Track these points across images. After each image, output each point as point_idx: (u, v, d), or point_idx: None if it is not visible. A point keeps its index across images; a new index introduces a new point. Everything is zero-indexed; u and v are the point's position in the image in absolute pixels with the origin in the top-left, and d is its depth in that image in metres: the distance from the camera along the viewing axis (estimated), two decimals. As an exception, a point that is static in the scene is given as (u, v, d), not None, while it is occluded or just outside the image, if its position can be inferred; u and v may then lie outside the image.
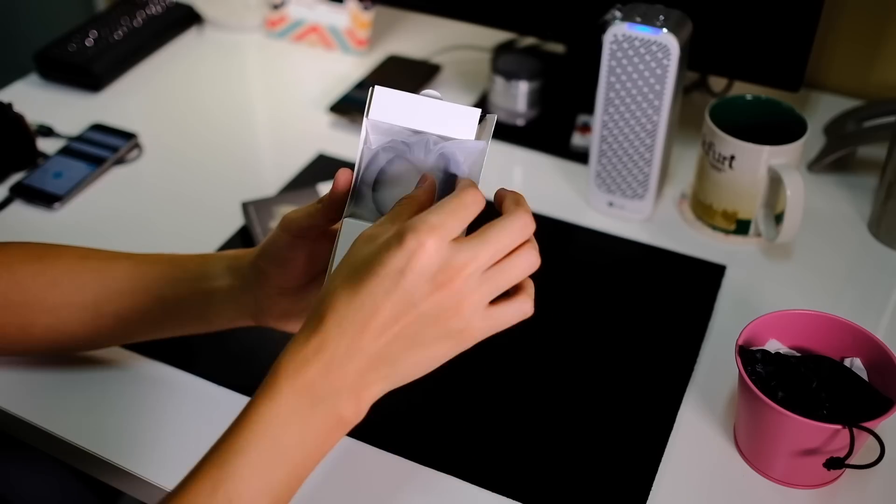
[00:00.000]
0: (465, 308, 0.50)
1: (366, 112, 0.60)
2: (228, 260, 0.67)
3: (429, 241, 0.48)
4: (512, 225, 0.51)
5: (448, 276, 0.49)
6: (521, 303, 0.53)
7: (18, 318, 0.65)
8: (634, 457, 0.68)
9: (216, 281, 0.66)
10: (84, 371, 0.74)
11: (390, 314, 0.49)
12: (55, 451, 0.71)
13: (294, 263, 0.63)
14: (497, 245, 0.50)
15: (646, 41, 0.79)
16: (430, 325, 0.50)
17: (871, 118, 0.99)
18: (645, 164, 0.87)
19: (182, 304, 0.67)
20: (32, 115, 1.02)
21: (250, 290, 0.66)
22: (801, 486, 0.65)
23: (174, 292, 0.66)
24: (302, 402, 0.50)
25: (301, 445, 0.50)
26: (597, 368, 0.74)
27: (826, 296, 0.83)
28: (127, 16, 1.18)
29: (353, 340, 0.49)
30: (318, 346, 0.50)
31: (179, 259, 0.68)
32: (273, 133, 1.05)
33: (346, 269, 0.51)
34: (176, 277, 0.66)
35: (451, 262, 0.49)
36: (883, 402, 0.62)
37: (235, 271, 0.66)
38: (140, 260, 0.67)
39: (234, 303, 0.67)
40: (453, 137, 0.58)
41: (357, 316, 0.49)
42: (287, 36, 1.21)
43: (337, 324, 0.49)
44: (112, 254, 0.68)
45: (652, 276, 0.85)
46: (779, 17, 0.86)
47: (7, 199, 0.93)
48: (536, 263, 0.52)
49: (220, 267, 0.67)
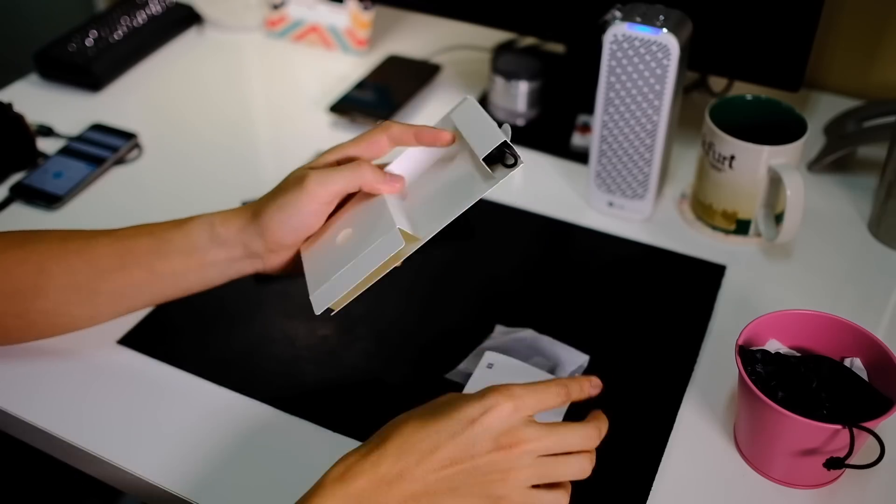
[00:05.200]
0: (512, 478, 0.54)
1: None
2: (217, 228, 0.66)
3: (507, 403, 0.53)
4: (582, 430, 0.57)
5: (510, 442, 0.53)
6: (559, 496, 0.56)
7: (12, 307, 0.65)
8: (634, 457, 0.68)
9: (210, 252, 0.66)
10: (84, 371, 0.74)
11: (449, 455, 0.53)
12: (56, 451, 0.71)
13: (316, 221, 0.64)
14: (562, 439, 0.55)
15: (646, 41, 0.79)
16: (477, 480, 0.53)
17: (871, 118, 1.00)
18: (645, 164, 0.87)
19: (178, 274, 0.67)
20: (32, 115, 1.02)
21: (254, 252, 0.66)
22: (801, 486, 0.65)
23: (166, 264, 0.66)
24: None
25: None
26: (597, 368, 0.74)
27: (826, 296, 0.83)
28: (127, 16, 1.18)
29: (408, 467, 0.52)
30: (375, 462, 0.52)
31: (161, 231, 0.67)
32: (273, 133, 1.05)
33: (425, 408, 0.55)
34: (162, 250, 0.66)
35: (518, 431, 0.54)
36: (883, 402, 0.62)
37: (232, 238, 0.66)
38: (122, 235, 0.67)
39: (235, 270, 0.67)
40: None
41: (419, 446, 0.53)
42: (287, 36, 1.21)
43: (398, 446, 0.53)
44: (92, 232, 0.68)
45: (652, 277, 0.85)
46: (779, 17, 0.86)
47: (7, 199, 0.93)
48: (587, 472, 0.57)
49: (207, 235, 0.66)
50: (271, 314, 0.79)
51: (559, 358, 0.74)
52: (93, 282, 0.65)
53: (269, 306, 0.80)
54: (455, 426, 0.53)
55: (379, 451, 0.53)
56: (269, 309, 0.80)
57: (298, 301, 0.80)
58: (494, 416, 0.53)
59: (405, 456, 0.53)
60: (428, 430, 0.53)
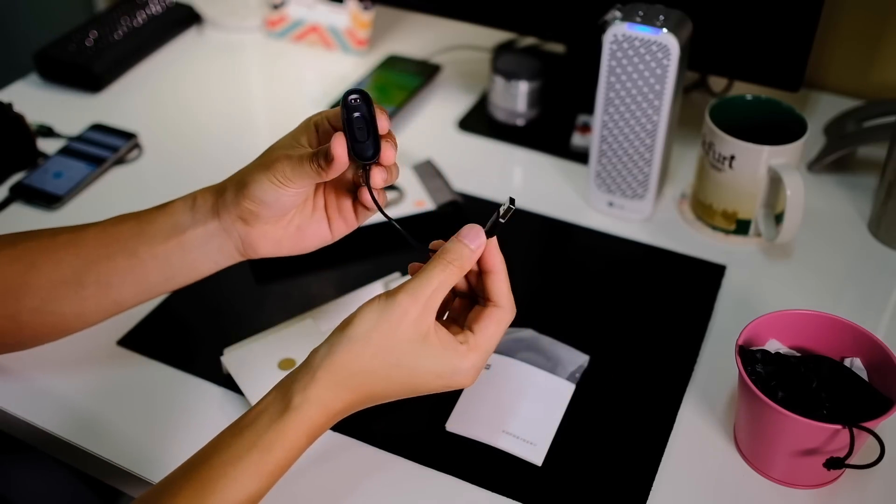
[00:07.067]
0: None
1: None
2: (198, 203, 0.65)
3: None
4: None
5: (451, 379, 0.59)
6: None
7: (3, 308, 0.65)
8: (634, 457, 0.68)
9: (191, 229, 0.65)
10: (84, 371, 0.74)
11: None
12: (56, 451, 0.71)
13: (291, 202, 0.62)
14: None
15: (646, 41, 0.79)
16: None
17: (871, 118, 0.99)
18: (645, 164, 0.87)
19: (160, 257, 0.65)
20: (32, 115, 1.02)
21: (233, 230, 0.64)
22: (801, 486, 0.65)
23: (148, 248, 0.65)
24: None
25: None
26: (596, 368, 0.74)
27: (826, 296, 0.83)
28: (127, 16, 1.18)
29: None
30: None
31: (146, 214, 0.66)
32: (273, 133, 1.05)
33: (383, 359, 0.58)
34: (145, 232, 0.65)
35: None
36: (883, 402, 0.62)
37: (208, 214, 0.65)
38: (108, 224, 0.66)
39: (216, 246, 0.65)
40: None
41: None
42: (287, 36, 1.21)
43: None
44: (81, 225, 0.67)
45: (652, 277, 0.85)
46: (779, 17, 0.86)
47: (7, 199, 0.93)
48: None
49: (188, 213, 0.65)
50: (271, 314, 0.79)
51: (559, 358, 0.74)
52: (79, 273, 0.65)
53: (269, 306, 0.80)
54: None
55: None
56: (269, 309, 0.80)
57: (298, 301, 0.80)
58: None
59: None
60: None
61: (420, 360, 0.56)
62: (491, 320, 0.58)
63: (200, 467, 0.53)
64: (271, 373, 0.70)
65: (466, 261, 0.57)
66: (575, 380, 0.73)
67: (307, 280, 0.83)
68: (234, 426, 0.55)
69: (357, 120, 0.58)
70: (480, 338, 0.58)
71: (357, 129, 0.58)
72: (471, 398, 0.71)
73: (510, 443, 0.68)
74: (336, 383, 0.55)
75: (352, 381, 0.55)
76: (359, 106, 0.58)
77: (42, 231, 0.67)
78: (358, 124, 0.58)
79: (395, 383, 0.57)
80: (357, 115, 0.58)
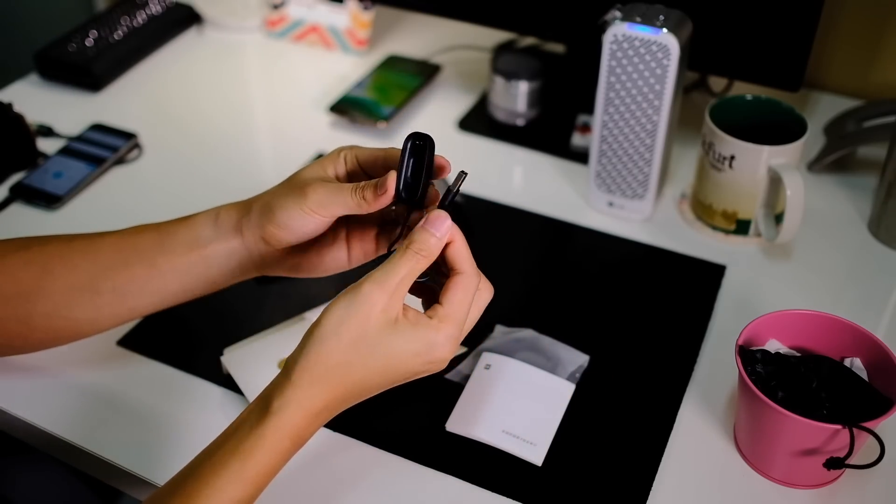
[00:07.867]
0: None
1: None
2: (221, 218, 0.66)
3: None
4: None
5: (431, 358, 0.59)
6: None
7: (16, 311, 0.65)
8: (634, 456, 0.68)
9: (213, 243, 0.65)
10: (84, 371, 0.74)
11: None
12: (56, 451, 0.71)
13: (315, 229, 0.63)
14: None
15: (646, 41, 0.79)
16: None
17: (871, 118, 0.99)
18: (645, 164, 0.87)
19: (180, 269, 0.66)
20: (32, 115, 1.02)
21: (254, 249, 0.65)
22: (801, 486, 0.65)
23: (168, 259, 0.65)
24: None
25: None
26: (597, 368, 0.74)
27: (826, 296, 0.83)
28: (127, 16, 1.18)
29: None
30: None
31: (167, 226, 0.67)
32: (273, 133, 1.05)
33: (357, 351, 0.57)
34: (165, 244, 0.65)
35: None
36: (883, 402, 0.62)
37: (231, 231, 0.65)
38: (127, 233, 0.67)
39: (236, 262, 0.66)
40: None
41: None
42: (287, 36, 1.21)
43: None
44: (99, 233, 0.68)
45: (652, 277, 0.85)
46: (778, 17, 0.86)
47: (7, 199, 0.93)
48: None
49: (211, 227, 0.66)
50: (271, 314, 0.79)
51: (559, 358, 0.74)
52: (94, 280, 0.65)
53: (269, 306, 0.80)
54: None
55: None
56: (269, 309, 0.80)
57: (298, 301, 0.80)
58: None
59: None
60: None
61: (393, 343, 0.56)
62: (457, 288, 0.58)
63: (188, 478, 0.54)
64: (271, 373, 0.70)
65: (434, 249, 0.57)
66: (575, 380, 0.73)
67: (307, 280, 0.83)
68: (220, 436, 0.56)
69: (416, 163, 0.59)
70: (449, 308, 0.57)
71: (414, 171, 0.59)
72: (471, 398, 0.71)
73: (510, 443, 0.68)
74: (312, 383, 0.55)
75: (328, 378, 0.55)
76: (422, 149, 0.59)
77: (57, 236, 0.68)
78: (416, 166, 0.59)
79: (374, 373, 0.56)
80: (417, 159, 0.59)
